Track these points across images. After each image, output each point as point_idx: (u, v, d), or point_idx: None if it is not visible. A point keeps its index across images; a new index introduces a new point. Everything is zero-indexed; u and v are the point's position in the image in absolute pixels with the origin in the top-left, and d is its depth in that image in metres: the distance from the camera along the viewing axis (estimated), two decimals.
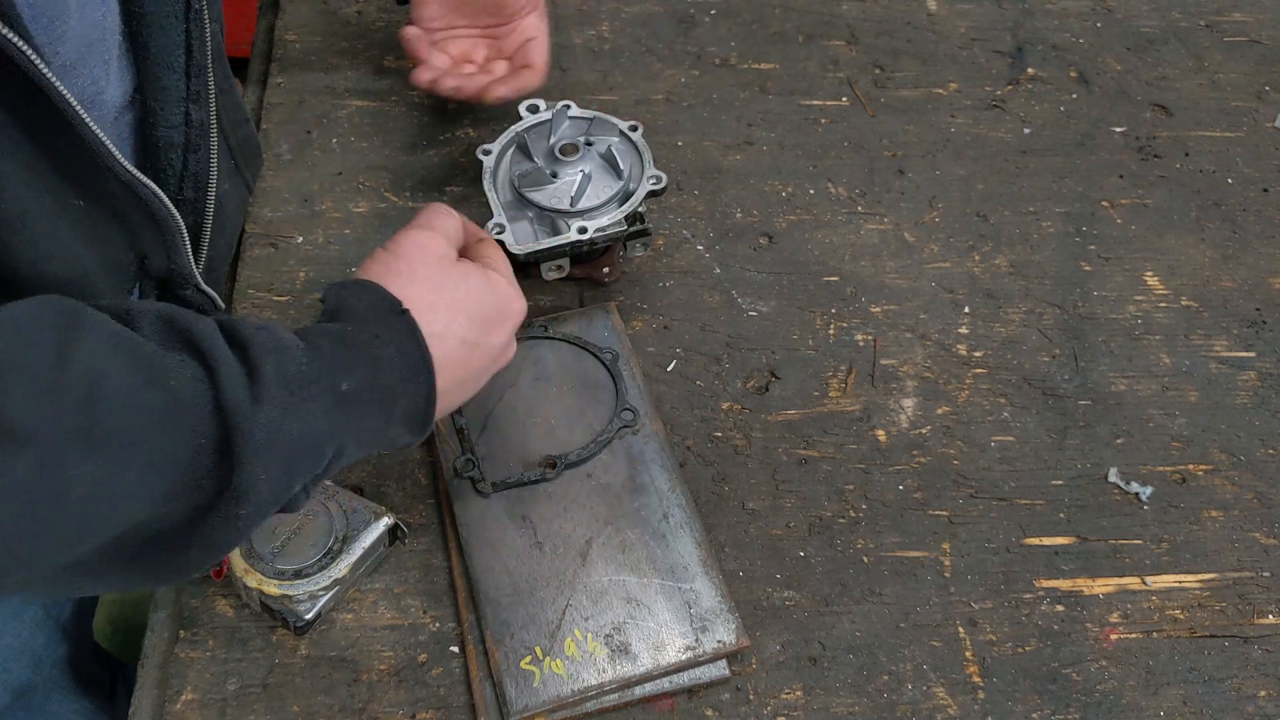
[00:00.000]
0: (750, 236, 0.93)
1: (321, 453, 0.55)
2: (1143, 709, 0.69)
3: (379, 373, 0.57)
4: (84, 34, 0.59)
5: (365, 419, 0.57)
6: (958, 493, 0.78)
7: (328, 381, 0.55)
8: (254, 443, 0.51)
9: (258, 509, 0.53)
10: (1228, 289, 0.92)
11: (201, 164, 0.70)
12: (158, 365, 0.51)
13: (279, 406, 0.52)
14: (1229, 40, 1.14)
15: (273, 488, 0.53)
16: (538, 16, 0.96)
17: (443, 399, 0.61)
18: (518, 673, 0.66)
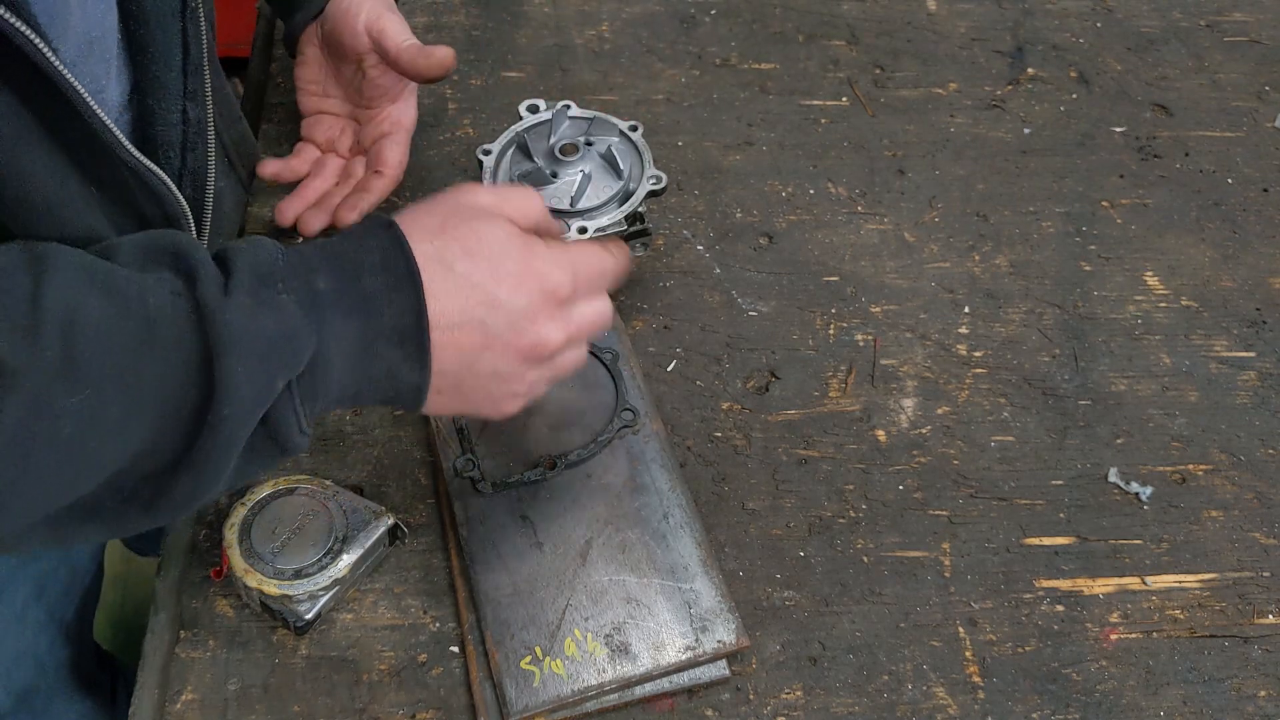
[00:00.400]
0: (750, 236, 0.93)
1: (298, 349, 0.53)
2: (1143, 709, 0.69)
3: (360, 277, 0.55)
4: (85, 31, 0.59)
5: (346, 323, 0.55)
6: (958, 493, 0.78)
7: (303, 278, 0.54)
8: (228, 334, 0.50)
9: (241, 410, 0.51)
10: (1228, 289, 0.92)
11: (199, 161, 0.70)
12: (133, 288, 0.50)
13: (251, 297, 0.52)
14: (1229, 40, 1.14)
15: (253, 384, 0.51)
16: (404, 104, 0.91)
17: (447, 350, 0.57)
18: (518, 673, 0.66)
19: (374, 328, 0.56)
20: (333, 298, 0.55)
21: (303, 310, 0.54)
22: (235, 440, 0.52)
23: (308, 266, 0.55)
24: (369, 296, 0.55)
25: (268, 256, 0.54)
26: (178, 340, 0.50)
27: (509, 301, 0.58)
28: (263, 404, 0.53)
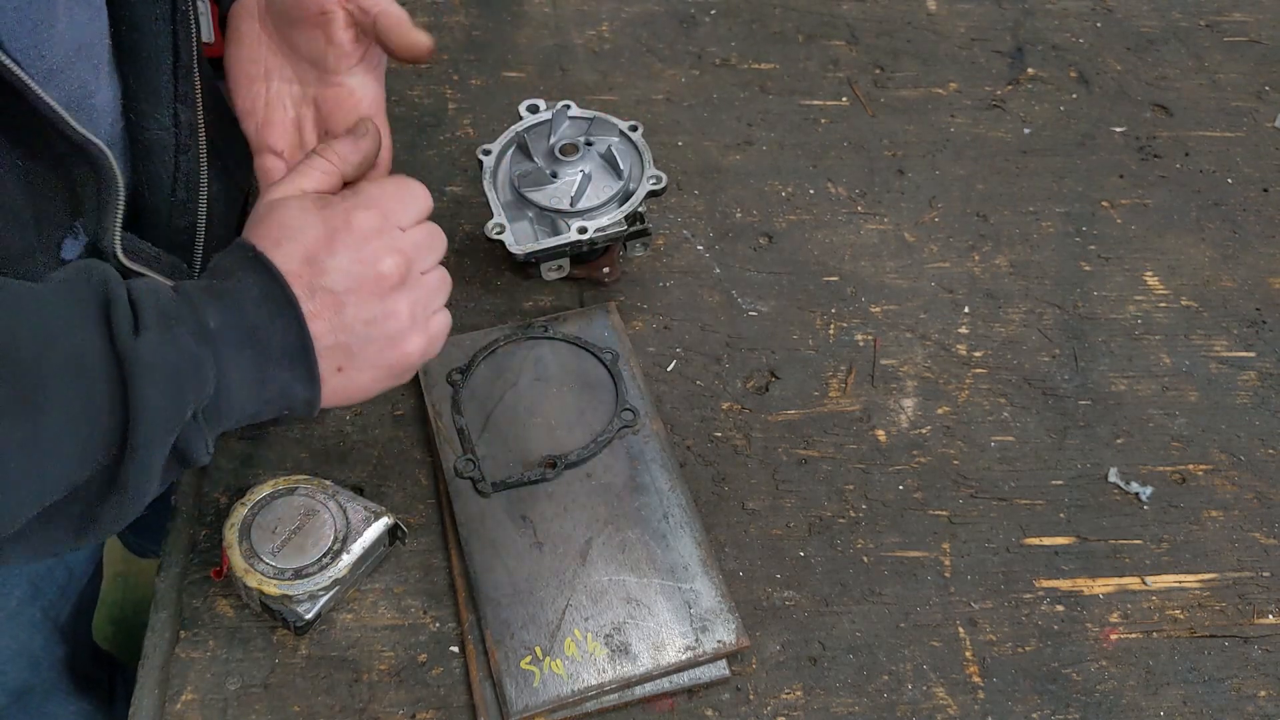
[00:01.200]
0: (750, 236, 0.93)
1: (204, 375, 0.57)
2: (1143, 709, 0.69)
3: (243, 311, 0.59)
4: (72, 38, 0.59)
5: (239, 355, 0.59)
6: (958, 493, 0.78)
7: (195, 318, 0.58)
8: (141, 365, 0.53)
9: (153, 434, 0.54)
10: (1228, 289, 0.92)
11: (192, 164, 0.70)
12: (60, 321, 0.53)
13: (156, 332, 0.55)
14: (1229, 40, 1.14)
15: (166, 410, 0.55)
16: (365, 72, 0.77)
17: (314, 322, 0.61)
18: (518, 673, 0.66)
19: (265, 356, 0.60)
20: (224, 333, 0.58)
21: (199, 343, 0.57)
22: (152, 464, 0.55)
23: (196, 307, 0.59)
24: (254, 329, 0.59)
25: (164, 295, 0.58)
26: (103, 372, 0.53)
27: (331, 259, 0.62)
28: (174, 430, 0.56)
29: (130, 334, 0.54)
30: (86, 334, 0.54)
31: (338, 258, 0.62)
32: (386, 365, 0.64)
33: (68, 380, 0.52)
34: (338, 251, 0.63)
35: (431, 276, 0.66)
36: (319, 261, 0.62)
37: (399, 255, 0.64)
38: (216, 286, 0.60)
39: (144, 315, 0.55)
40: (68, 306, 0.54)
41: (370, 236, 0.64)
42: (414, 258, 0.65)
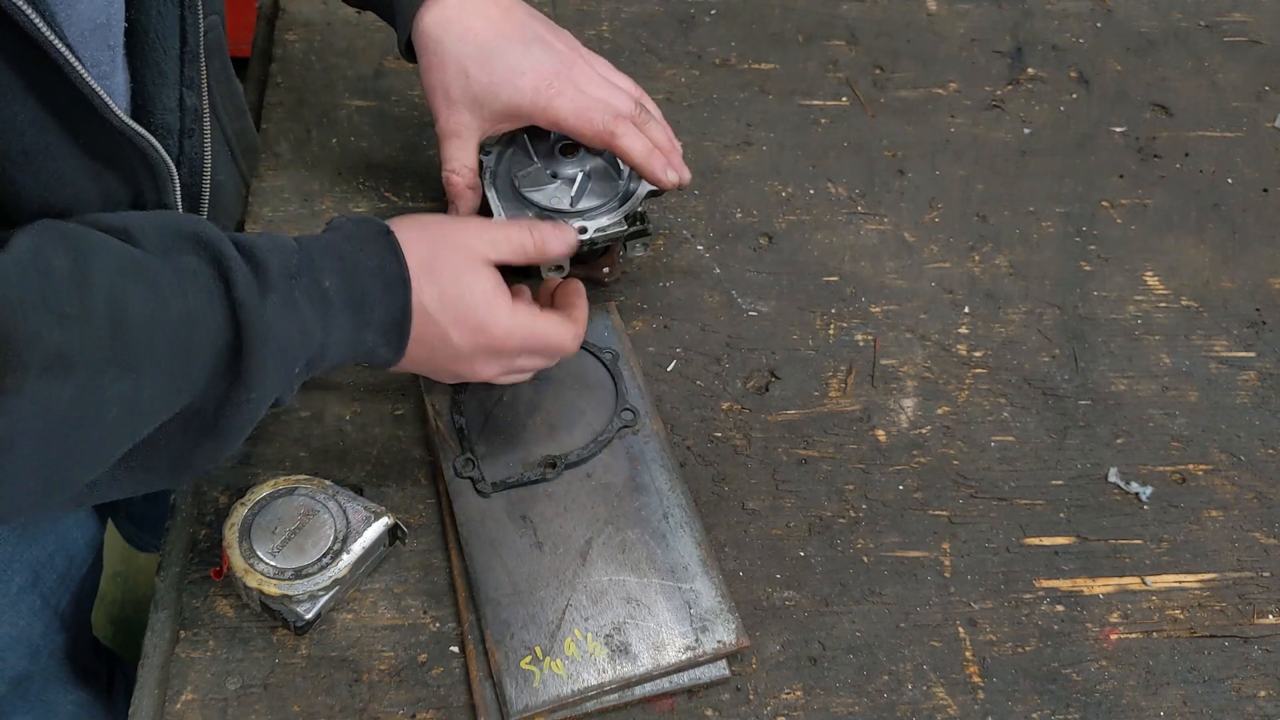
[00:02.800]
0: (750, 236, 0.93)
1: (310, 343, 0.61)
2: (1143, 709, 0.69)
3: (358, 278, 0.63)
4: (92, 16, 0.60)
5: (343, 318, 0.63)
6: (958, 493, 0.78)
7: (313, 276, 0.62)
8: (261, 331, 0.57)
9: (262, 395, 0.59)
10: (1228, 289, 0.92)
11: (196, 149, 0.71)
12: (172, 283, 0.56)
13: (281, 296, 0.59)
14: (1229, 40, 1.14)
15: (276, 374, 0.59)
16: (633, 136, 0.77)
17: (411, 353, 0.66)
18: (518, 673, 0.66)
19: (364, 322, 0.64)
20: (335, 297, 0.62)
21: (313, 308, 0.61)
22: (255, 418, 0.60)
23: (316, 266, 0.62)
24: (364, 294, 0.63)
25: (287, 251, 0.61)
26: (211, 332, 0.56)
27: (458, 343, 0.68)
28: (279, 390, 0.61)
29: (255, 295, 0.58)
30: (199, 297, 0.56)
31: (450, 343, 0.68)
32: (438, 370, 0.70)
33: (176, 339, 0.55)
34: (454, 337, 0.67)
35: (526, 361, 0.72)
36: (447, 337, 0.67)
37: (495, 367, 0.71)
38: (339, 246, 0.65)
39: (268, 274, 0.59)
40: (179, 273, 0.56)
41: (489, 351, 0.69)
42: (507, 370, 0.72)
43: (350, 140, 0.97)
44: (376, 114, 1.00)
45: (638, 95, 0.81)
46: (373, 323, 0.64)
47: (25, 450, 0.51)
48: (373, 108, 1.00)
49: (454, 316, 0.67)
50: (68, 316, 0.51)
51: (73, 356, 0.50)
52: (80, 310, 0.51)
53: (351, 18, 1.08)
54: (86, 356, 0.51)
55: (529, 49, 0.78)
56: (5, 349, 0.48)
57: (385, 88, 1.02)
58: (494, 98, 0.77)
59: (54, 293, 0.51)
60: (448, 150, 0.80)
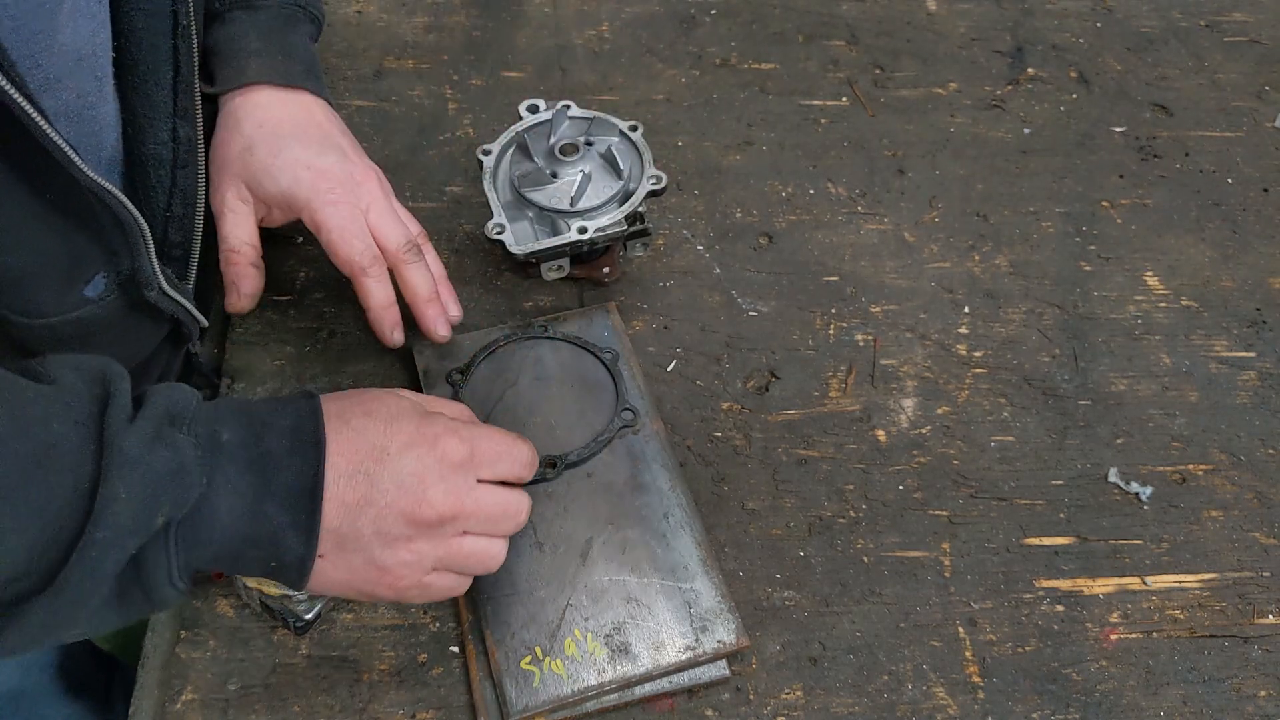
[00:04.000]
0: (750, 236, 0.93)
1: (186, 487, 0.52)
2: (1143, 709, 0.69)
3: (264, 435, 0.56)
4: (74, 48, 0.59)
5: (240, 477, 0.55)
6: (958, 493, 0.78)
7: (209, 425, 0.55)
8: (119, 456, 0.50)
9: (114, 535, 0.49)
10: (1228, 289, 0.92)
11: (190, 180, 0.70)
12: (38, 409, 0.50)
13: (152, 429, 0.52)
14: (1229, 40, 1.14)
15: (131, 511, 0.50)
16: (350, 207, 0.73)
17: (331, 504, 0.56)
18: (518, 673, 0.66)
19: (266, 487, 0.55)
20: (232, 449, 0.55)
21: (199, 453, 0.53)
22: (101, 569, 0.50)
23: (216, 417, 0.56)
24: (267, 455, 0.55)
25: (182, 399, 0.55)
26: (74, 466, 0.50)
27: (398, 457, 0.58)
28: (138, 535, 0.51)
29: (123, 424, 0.51)
30: (67, 427, 0.50)
31: (403, 461, 0.58)
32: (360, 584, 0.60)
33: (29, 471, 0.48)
34: (407, 457, 0.59)
35: (470, 543, 0.61)
36: (385, 453, 0.58)
37: (453, 500, 0.59)
38: (249, 405, 0.58)
39: (145, 410, 0.53)
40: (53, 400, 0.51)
41: (445, 466, 0.60)
42: (470, 513, 0.61)
43: None
44: (376, 114, 1.00)
45: (417, 233, 0.76)
46: (276, 490, 0.55)
47: None
48: (373, 108, 1.00)
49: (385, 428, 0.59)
50: None
51: None
52: None
53: (351, 18, 1.08)
54: None
55: (324, 153, 0.74)
56: None
57: (385, 88, 1.02)
58: (273, 180, 0.73)
59: None
60: (224, 228, 0.74)
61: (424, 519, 0.59)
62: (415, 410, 0.61)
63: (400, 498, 0.58)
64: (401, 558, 0.59)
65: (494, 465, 0.62)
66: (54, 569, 0.49)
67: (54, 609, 0.49)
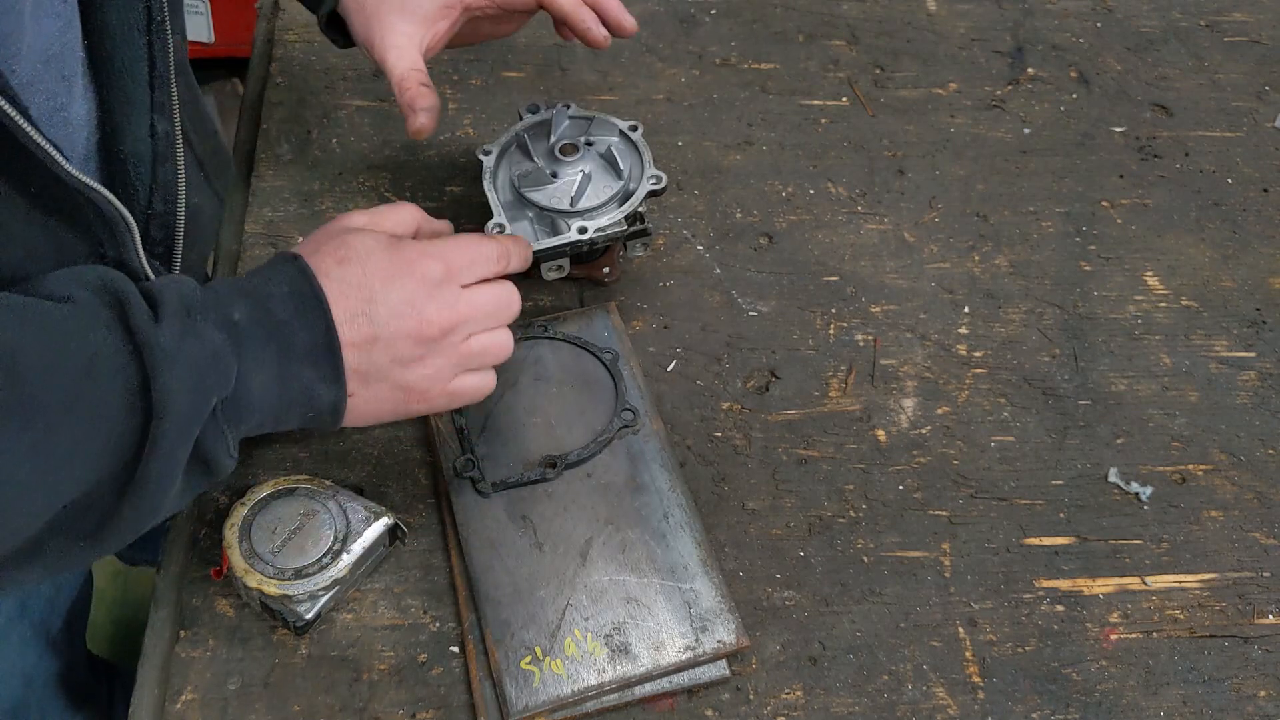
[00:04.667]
0: (750, 236, 0.93)
1: (226, 368, 0.57)
2: (1143, 709, 0.69)
3: (270, 307, 0.60)
4: (41, 48, 0.58)
5: (263, 349, 0.59)
6: (958, 493, 0.78)
7: (220, 311, 0.59)
8: (161, 353, 0.54)
9: (177, 425, 0.54)
10: (1228, 289, 0.92)
11: (170, 175, 0.69)
12: (68, 325, 0.53)
13: (179, 324, 0.56)
14: (1229, 40, 1.14)
15: (188, 398, 0.54)
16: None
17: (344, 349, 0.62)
18: (518, 672, 0.66)
19: (288, 351, 0.60)
20: (248, 326, 0.59)
21: (223, 336, 0.58)
22: (175, 458, 0.55)
23: (222, 300, 0.59)
24: (280, 322, 0.60)
25: (188, 290, 0.58)
26: (118, 370, 0.53)
27: (385, 292, 0.63)
28: (197, 421, 0.55)
29: (150, 324, 0.55)
30: (99, 334, 0.54)
31: (391, 293, 0.63)
32: (392, 408, 0.66)
33: (81, 383, 0.52)
34: (393, 289, 0.63)
35: (478, 341, 0.67)
36: (372, 291, 0.63)
37: (448, 312, 0.65)
38: (245, 284, 0.62)
39: (163, 307, 0.56)
40: (78, 314, 0.54)
41: (429, 285, 0.65)
42: (467, 317, 0.66)
43: (350, 140, 0.97)
44: (376, 114, 1.00)
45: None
46: (297, 352, 0.60)
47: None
48: (373, 108, 1.00)
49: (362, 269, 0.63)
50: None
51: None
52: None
53: None
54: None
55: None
56: None
57: (385, 88, 1.02)
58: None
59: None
60: (391, 61, 0.78)
61: (429, 336, 0.64)
62: (380, 243, 0.65)
63: (401, 324, 0.63)
64: (422, 374, 0.65)
65: (471, 270, 0.67)
66: (130, 468, 0.54)
67: (138, 505, 0.55)
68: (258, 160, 0.94)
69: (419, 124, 0.79)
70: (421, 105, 0.79)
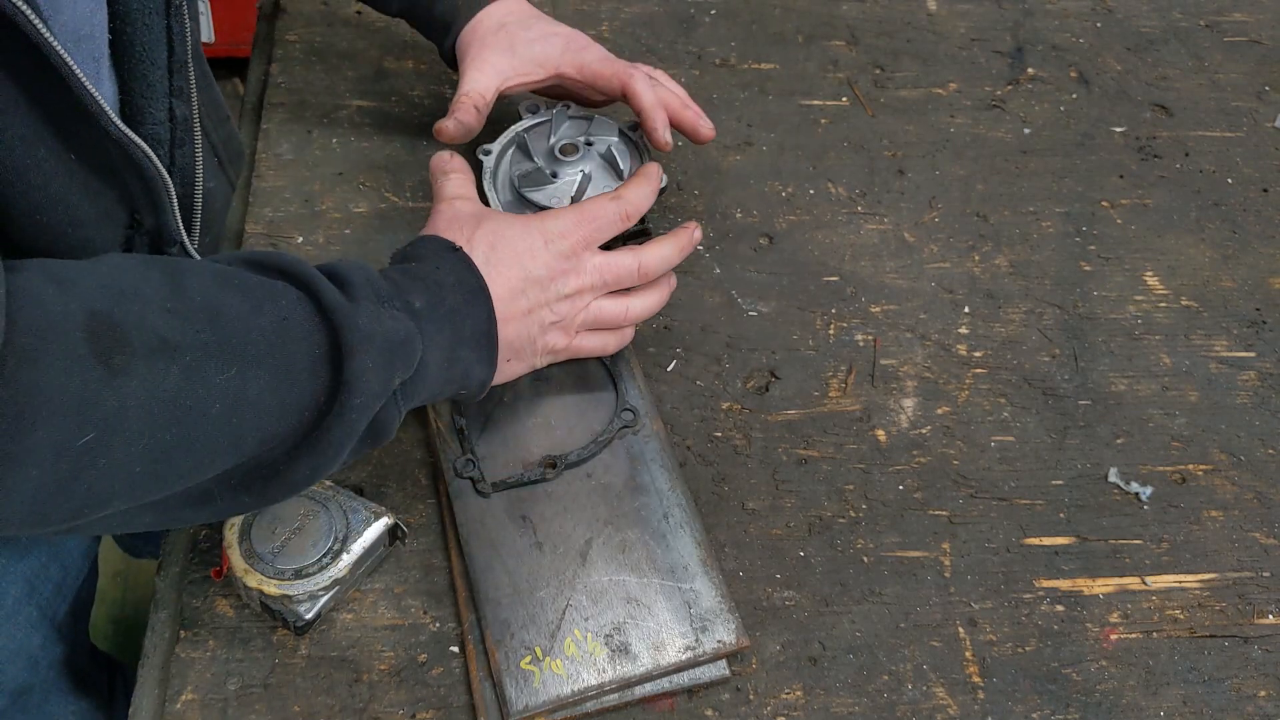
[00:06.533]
0: (750, 236, 0.93)
1: (412, 352, 0.61)
2: (1143, 709, 0.69)
3: (444, 295, 0.65)
4: (75, 27, 0.60)
5: (439, 334, 0.64)
6: (958, 493, 0.78)
7: (403, 299, 0.63)
8: (359, 334, 0.58)
9: (365, 401, 0.58)
10: (1228, 289, 0.92)
11: (188, 159, 0.71)
12: (262, 291, 0.58)
13: (372, 306, 0.60)
14: (1229, 40, 1.14)
15: (378, 377, 0.59)
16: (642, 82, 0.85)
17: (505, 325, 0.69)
18: (518, 673, 0.66)
19: (458, 336, 0.66)
20: (426, 313, 0.64)
21: (410, 320, 0.62)
22: (356, 429, 0.59)
23: (401, 287, 0.64)
24: (452, 309, 0.65)
25: (372, 277, 0.63)
26: (307, 336, 0.57)
27: (533, 269, 0.70)
28: (381, 399, 0.60)
29: (345, 303, 0.59)
30: (289, 301, 0.58)
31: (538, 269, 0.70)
32: (527, 366, 0.73)
33: (274, 340, 0.56)
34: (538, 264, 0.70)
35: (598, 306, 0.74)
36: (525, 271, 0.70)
37: (582, 278, 0.72)
38: (414, 269, 0.67)
39: (354, 288, 0.60)
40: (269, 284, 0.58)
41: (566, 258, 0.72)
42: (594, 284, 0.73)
43: (351, 140, 0.97)
44: (377, 114, 1.00)
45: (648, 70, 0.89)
46: (465, 336, 0.66)
47: (134, 432, 0.51)
48: (373, 108, 1.00)
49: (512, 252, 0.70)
50: (168, 310, 0.53)
51: (176, 342, 0.52)
52: (179, 306, 0.53)
53: (351, 18, 1.08)
54: (189, 343, 0.53)
55: (560, 25, 0.90)
56: (113, 332, 0.50)
57: (385, 88, 1.02)
58: (528, 46, 0.87)
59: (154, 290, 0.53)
60: (466, 80, 0.86)
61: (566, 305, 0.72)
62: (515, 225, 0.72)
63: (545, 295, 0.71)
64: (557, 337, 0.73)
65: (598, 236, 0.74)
66: (309, 429, 0.58)
67: (313, 464, 0.59)
68: (258, 160, 0.94)
69: (443, 123, 0.85)
70: (458, 114, 0.85)
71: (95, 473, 0.51)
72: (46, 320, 0.49)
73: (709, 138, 0.86)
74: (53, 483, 0.50)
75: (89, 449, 0.50)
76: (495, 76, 0.87)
